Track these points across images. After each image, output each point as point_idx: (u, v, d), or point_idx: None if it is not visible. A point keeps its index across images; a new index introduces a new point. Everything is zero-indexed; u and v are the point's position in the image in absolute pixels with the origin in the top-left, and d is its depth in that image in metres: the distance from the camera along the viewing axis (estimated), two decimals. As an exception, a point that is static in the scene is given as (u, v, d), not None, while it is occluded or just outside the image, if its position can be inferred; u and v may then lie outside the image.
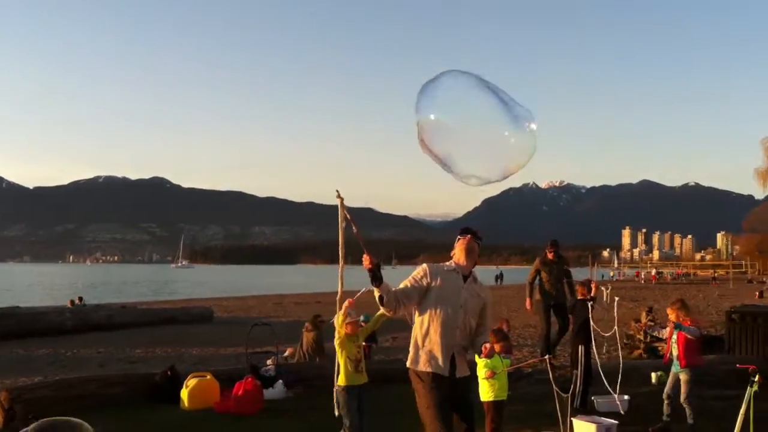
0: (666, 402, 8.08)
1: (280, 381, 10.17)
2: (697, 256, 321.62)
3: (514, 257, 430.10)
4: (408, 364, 5.13)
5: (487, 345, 5.01)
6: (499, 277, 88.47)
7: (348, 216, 5.23)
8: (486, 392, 6.85)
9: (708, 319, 25.82)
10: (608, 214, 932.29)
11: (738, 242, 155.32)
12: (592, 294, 9.25)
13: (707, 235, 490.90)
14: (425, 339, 5.05)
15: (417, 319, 5.15)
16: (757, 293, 42.41)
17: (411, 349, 5.14)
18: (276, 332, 12.43)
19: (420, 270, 5.18)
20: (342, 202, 5.16)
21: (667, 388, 8.16)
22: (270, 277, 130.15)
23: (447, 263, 5.26)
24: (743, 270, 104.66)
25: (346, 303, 6.73)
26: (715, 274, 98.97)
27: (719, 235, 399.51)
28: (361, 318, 15.99)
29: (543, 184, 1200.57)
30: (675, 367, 8.08)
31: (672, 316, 8.19)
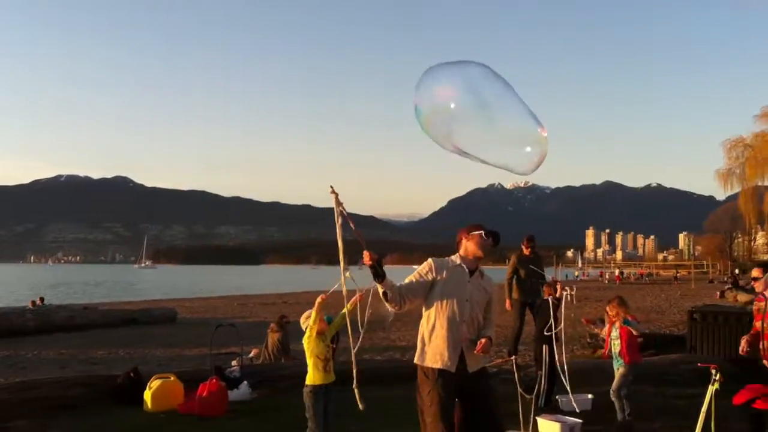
0: (617, 400, 8.15)
1: (245, 382, 10.09)
2: (660, 257, 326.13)
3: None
4: (415, 359, 5.11)
5: (483, 340, 4.94)
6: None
7: (344, 212, 5.15)
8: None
9: (670, 319, 26.20)
10: (572, 214, 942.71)
11: (700, 243, 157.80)
12: (557, 294, 9.31)
13: (669, 236, 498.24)
14: (432, 334, 5.03)
15: (424, 314, 5.13)
16: (718, 293, 43.04)
17: (418, 344, 5.11)
18: (241, 333, 12.33)
19: (425, 265, 5.17)
20: (337, 198, 5.07)
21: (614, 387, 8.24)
22: (235, 277, 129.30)
23: (452, 257, 5.24)
24: (705, 270, 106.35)
25: (319, 299, 6.69)
26: (677, 275, 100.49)
27: (681, 236, 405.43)
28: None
29: (508, 185, 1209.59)
30: (615, 364, 8.17)
31: (612, 313, 8.28)
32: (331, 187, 5.07)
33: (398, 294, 4.92)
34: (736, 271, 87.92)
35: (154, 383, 9.25)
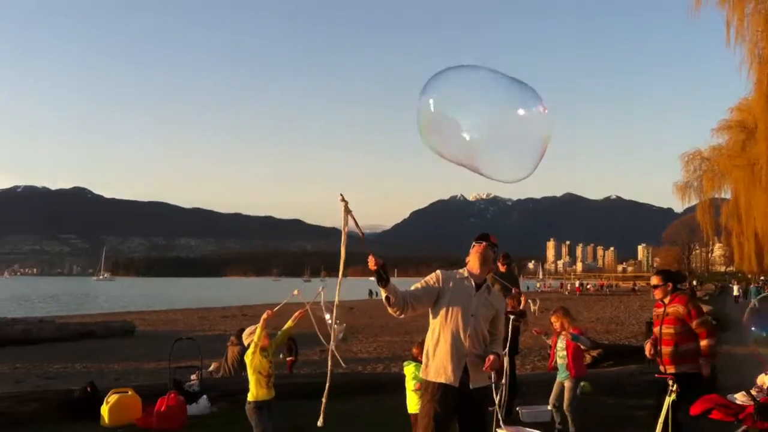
0: (555, 411, 8.21)
1: (204, 396, 9.97)
2: (619, 268, 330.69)
3: (444, 268, 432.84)
4: (421, 373, 5.08)
5: (491, 357, 4.86)
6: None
7: (355, 220, 5.04)
8: (414, 404, 6.82)
9: (629, 330, 26.54)
10: (533, 226, 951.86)
11: (658, 254, 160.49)
12: (521, 306, 9.34)
13: (629, 248, 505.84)
14: (436, 348, 4.98)
15: (430, 327, 5.09)
16: (676, 304, 43.72)
17: (423, 357, 5.07)
18: (200, 346, 12.19)
19: (433, 275, 5.15)
20: (347, 206, 4.97)
21: (552, 397, 8.28)
22: (195, 290, 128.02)
23: (460, 270, 5.21)
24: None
25: (265, 314, 6.63)
26: (635, 286, 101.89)
27: (640, 248, 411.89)
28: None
29: (470, 197, 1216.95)
30: (560, 376, 8.20)
31: (557, 325, 8.33)
32: (341, 195, 4.98)
33: (402, 299, 4.86)
34: (694, 282, 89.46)
35: (112, 398, 9.11)
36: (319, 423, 5.30)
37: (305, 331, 11.63)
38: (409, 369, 6.90)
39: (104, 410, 8.99)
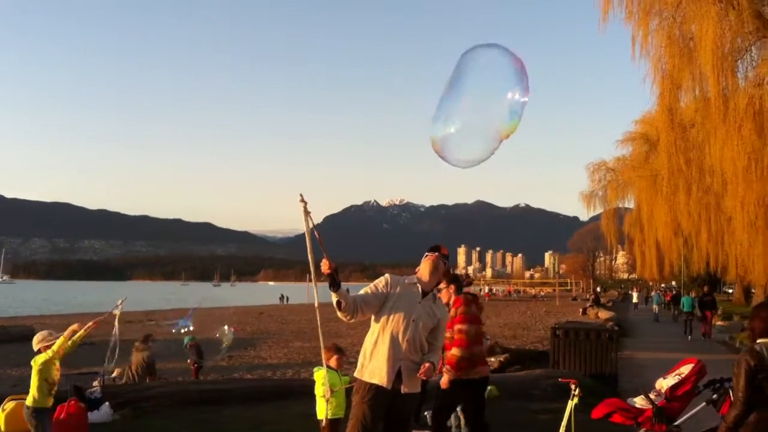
0: (454, 413, 8.29)
1: (107, 403, 9.66)
2: (527, 274, 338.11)
3: (356, 274, 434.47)
4: (356, 372, 5.06)
5: (426, 365, 4.89)
6: (346, 292, 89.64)
7: (312, 221, 4.96)
8: (322, 410, 6.77)
9: (535, 335, 27.12)
10: (445, 232, 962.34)
11: (564, 261, 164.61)
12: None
13: (536, 254, 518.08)
14: (374, 349, 4.99)
15: (370, 328, 5.12)
16: (581, 310, 44.96)
17: (360, 357, 5.07)
18: (103, 352, 11.80)
19: (382, 279, 5.17)
20: (306, 207, 4.88)
21: None
22: (99, 293, 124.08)
23: (410, 276, 5.24)
24: (569, 288, 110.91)
25: (75, 326, 6.51)
26: (537, 292, 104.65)
27: (547, 255, 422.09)
28: (186, 339, 15.52)
29: (384, 203, 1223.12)
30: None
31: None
32: (301, 195, 4.90)
33: (353, 304, 4.90)
34: (598, 288, 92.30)
35: (8, 405, 8.76)
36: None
37: (212, 338, 11.47)
38: (319, 374, 6.84)
39: (0, 417, 8.63)
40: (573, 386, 6.54)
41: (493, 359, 15.73)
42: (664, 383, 6.27)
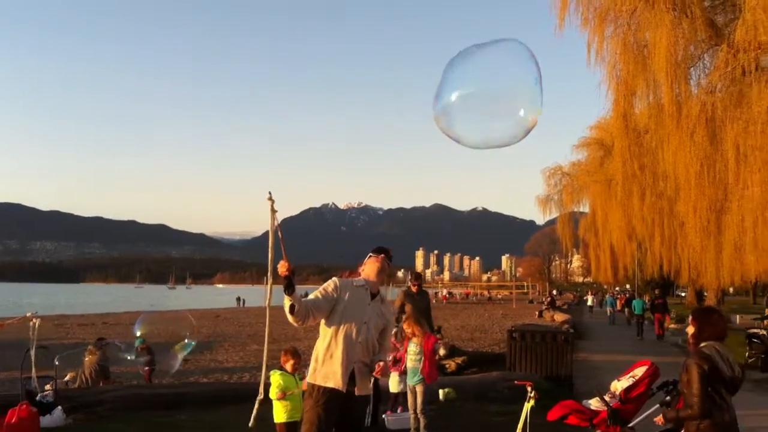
0: (413, 416, 8.32)
1: (59, 407, 9.48)
2: (484, 277, 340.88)
3: (314, 277, 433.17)
4: (308, 377, 5.03)
5: (381, 364, 4.98)
6: (303, 296, 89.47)
7: (278, 222, 4.90)
8: (279, 413, 6.74)
9: (492, 338, 27.31)
10: (404, 235, 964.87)
11: (521, 264, 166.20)
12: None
13: (494, 258, 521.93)
14: (327, 353, 4.98)
15: (321, 332, 5.10)
16: (537, 313, 45.41)
17: (312, 362, 5.04)
18: (56, 355, 11.59)
19: (330, 283, 5.15)
20: (273, 206, 4.82)
21: (411, 403, 8.41)
22: (51, 296, 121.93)
23: (357, 279, 5.24)
24: (525, 291, 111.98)
25: None
26: (491, 295, 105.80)
27: (504, 258, 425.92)
28: (137, 342, 15.36)
29: (342, 205, 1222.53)
30: (412, 380, 8.35)
31: (408, 331, 8.53)
32: (269, 194, 4.84)
33: (305, 309, 4.87)
34: (554, 291, 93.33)
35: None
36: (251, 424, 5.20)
37: (169, 341, 11.34)
38: (275, 378, 6.80)
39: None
40: (529, 389, 6.60)
41: (450, 362, 15.83)
42: (618, 385, 6.36)
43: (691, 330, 4.92)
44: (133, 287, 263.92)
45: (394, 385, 9.08)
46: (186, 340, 11.02)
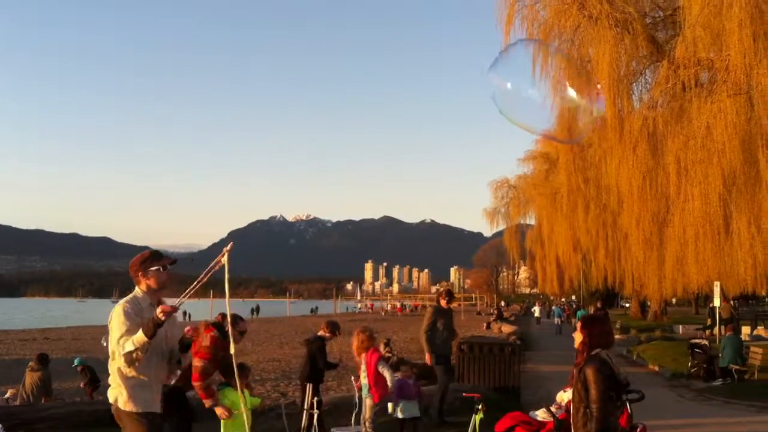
0: (363, 429, 8.34)
1: (0, 425, 9.23)
2: (433, 289, 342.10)
3: (262, 290, 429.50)
4: (121, 405, 4.76)
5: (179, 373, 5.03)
6: (255, 310, 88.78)
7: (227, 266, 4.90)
8: (227, 430, 6.67)
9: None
10: (352, 248, 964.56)
11: (469, 276, 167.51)
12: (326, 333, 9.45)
13: (442, 269, 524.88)
14: (138, 378, 4.76)
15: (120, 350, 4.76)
16: (485, 324, 45.66)
17: (121, 388, 4.77)
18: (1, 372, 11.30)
19: (125, 314, 4.78)
20: (228, 256, 4.79)
21: (362, 416, 8.45)
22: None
23: (138, 297, 4.95)
24: (473, 303, 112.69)
25: None
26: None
27: (453, 270, 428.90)
28: (76, 361, 15.05)
29: (290, 218, 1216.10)
30: (365, 393, 8.40)
31: (354, 345, 8.58)
32: (230, 245, 4.92)
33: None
34: (502, 303, 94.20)
35: None
36: None
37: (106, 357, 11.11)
38: (222, 394, 6.73)
39: None
40: (477, 400, 6.65)
41: (399, 374, 15.83)
42: (564, 396, 6.45)
43: (579, 338, 4.95)
44: (75, 301, 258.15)
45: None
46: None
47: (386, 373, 8.18)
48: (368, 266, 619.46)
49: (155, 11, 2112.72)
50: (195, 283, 5.06)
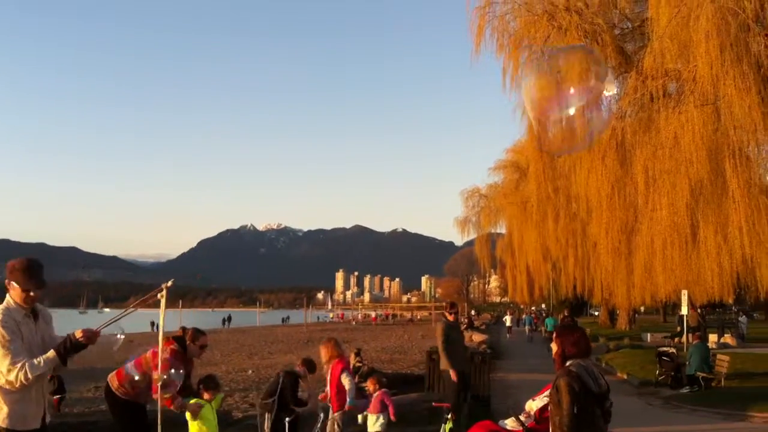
0: None
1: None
2: (404, 298, 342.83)
3: (232, 300, 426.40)
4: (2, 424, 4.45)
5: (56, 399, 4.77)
6: (227, 320, 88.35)
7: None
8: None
9: (412, 359, 27.38)
10: (323, 257, 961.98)
11: (440, 285, 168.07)
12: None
13: (413, 279, 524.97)
14: (18, 395, 4.45)
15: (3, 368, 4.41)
16: (456, 333, 45.74)
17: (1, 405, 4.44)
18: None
19: (4, 330, 4.44)
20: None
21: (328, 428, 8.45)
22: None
23: (10, 306, 4.61)
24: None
25: None
26: (413, 317, 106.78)
27: (424, 279, 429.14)
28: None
29: (261, 227, 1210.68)
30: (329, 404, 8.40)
31: (322, 355, 8.56)
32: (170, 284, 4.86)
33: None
34: (473, 312, 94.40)
35: None
36: None
37: (78, 367, 10.93)
38: (187, 415, 6.71)
39: None
40: (447, 410, 6.62)
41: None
42: (533, 405, 6.43)
43: (555, 348, 4.95)
44: None
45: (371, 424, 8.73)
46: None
47: (347, 384, 8.10)
48: (339, 275, 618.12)
49: (111, 18, 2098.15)
50: (123, 311, 4.98)
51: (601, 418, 4.76)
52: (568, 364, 4.77)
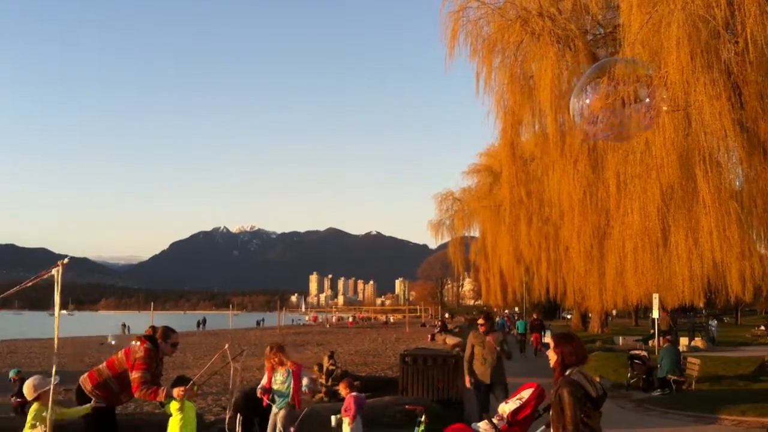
0: None
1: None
2: (378, 301, 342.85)
3: (204, 303, 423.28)
4: None
5: None
6: (202, 322, 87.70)
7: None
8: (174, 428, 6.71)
9: (385, 362, 27.37)
10: (297, 260, 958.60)
11: (414, 288, 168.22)
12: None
13: (387, 282, 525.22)
14: None
15: None
16: (430, 336, 45.83)
17: None
18: None
19: None
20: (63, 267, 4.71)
21: (271, 423, 8.54)
22: None
23: None
24: (418, 314, 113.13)
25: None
26: (387, 320, 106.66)
27: (398, 282, 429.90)
28: (12, 372, 14.64)
29: (234, 229, 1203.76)
30: (277, 406, 8.58)
31: (274, 360, 8.69)
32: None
33: None
34: (446, 315, 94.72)
35: None
36: None
37: (46, 368, 10.80)
38: (173, 406, 6.70)
39: None
40: (420, 413, 6.63)
41: (340, 387, 15.76)
42: (506, 407, 6.47)
43: (553, 357, 5.03)
44: (11, 314, 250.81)
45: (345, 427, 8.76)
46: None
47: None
48: (313, 278, 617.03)
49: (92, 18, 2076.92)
50: (16, 287, 4.94)
51: (599, 420, 4.85)
52: (567, 372, 4.87)
